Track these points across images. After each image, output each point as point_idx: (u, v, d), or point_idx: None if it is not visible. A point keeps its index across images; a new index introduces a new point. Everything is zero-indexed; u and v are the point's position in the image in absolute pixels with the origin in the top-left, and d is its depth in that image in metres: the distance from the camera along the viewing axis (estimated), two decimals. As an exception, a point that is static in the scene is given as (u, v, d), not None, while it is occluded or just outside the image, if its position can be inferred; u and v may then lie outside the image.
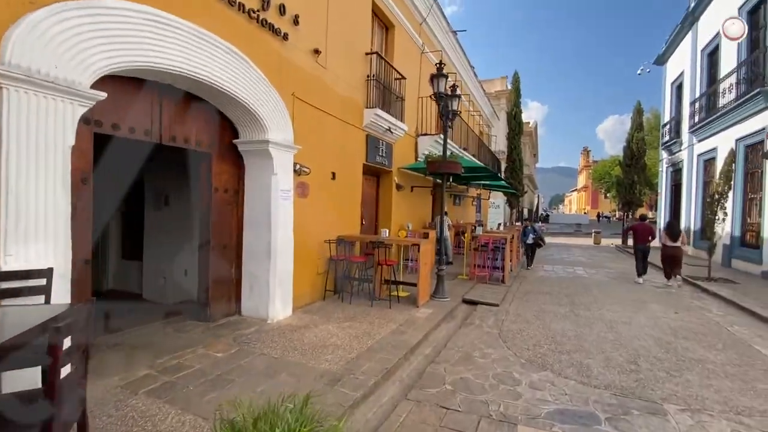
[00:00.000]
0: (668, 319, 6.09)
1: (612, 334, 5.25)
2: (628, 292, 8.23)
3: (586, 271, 11.08)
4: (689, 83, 15.54)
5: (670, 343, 4.93)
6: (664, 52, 18.64)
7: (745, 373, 4.05)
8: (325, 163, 6.32)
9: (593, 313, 6.36)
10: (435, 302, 6.47)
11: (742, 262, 10.99)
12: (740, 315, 6.55)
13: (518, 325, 5.63)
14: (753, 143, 10.69)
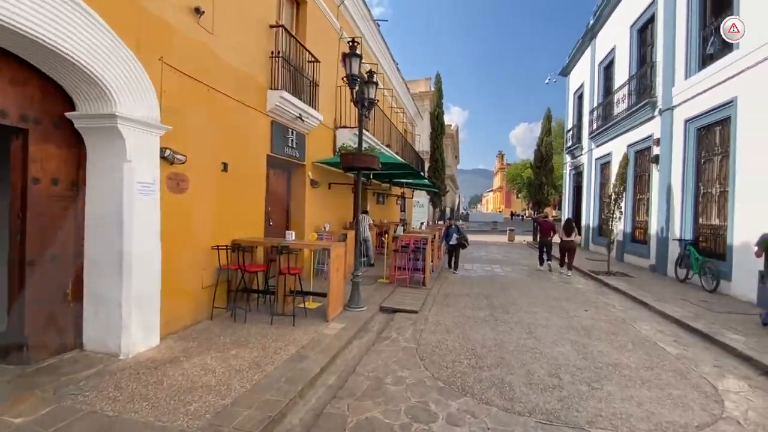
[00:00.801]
0: (580, 318, 6.10)
1: (531, 341, 4.98)
2: (541, 289, 8.36)
3: (503, 268, 11.28)
4: (589, 93, 16.98)
5: (586, 347, 4.78)
6: (568, 65, 20.27)
7: (659, 377, 3.95)
8: (212, 150, 5.16)
9: (512, 316, 6.14)
10: (349, 313, 5.70)
11: (633, 257, 12.10)
12: (639, 309, 6.88)
13: (437, 335, 5.11)
14: (642, 149, 11.80)
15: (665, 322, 6.05)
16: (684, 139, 9.38)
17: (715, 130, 8.52)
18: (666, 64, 10.20)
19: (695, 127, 9.08)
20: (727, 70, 7.74)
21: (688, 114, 9.21)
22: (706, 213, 8.79)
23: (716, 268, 7.83)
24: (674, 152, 9.78)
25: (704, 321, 5.77)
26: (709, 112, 8.43)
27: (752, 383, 3.89)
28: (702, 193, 8.99)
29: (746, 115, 7.29)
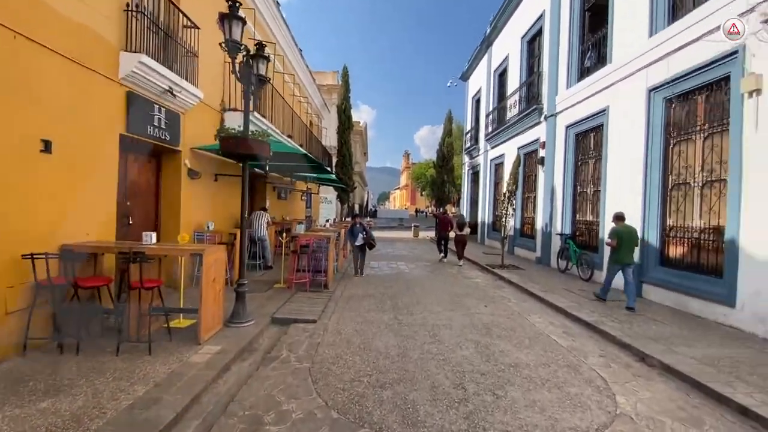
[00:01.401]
0: (481, 315, 6.08)
1: (435, 345, 4.67)
2: (444, 285, 8.35)
3: (408, 265, 11.20)
4: (485, 98, 18.14)
5: (488, 347, 4.65)
6: (467, 70, 21.48)
7: (556, 374, 3.93)
8: (23, 122, 3.72)
9: (416, 317, 5.84)
10: (230, 331, 4.73)
11: (522, 250, 13.13)
12: (531, 301, 7.23)
13: (336, 349, 4.49)
14: (530, 151, 12.84)
15: (554, 314, 6.38)
16: (565, 143, 10.34)
17: (590, 135, 9.51)
18: (551, 74, 11.16)
19: (574, 133, 10.05)
20: (601, 81, 8.64)
21: (568, 120, 10.16)
22: (582, 210, 9.79)
23: (591, 259, 8.72)
24: (557, 155, 10.75)
25: (586, 310, 6.20)
26: (585, 119, 9.37)
27: (634, 371, 4.10)
28: (579, 192, 10.00)
29: (615, 122, 8.19)
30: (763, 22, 4.93)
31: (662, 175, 6.92)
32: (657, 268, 6.96)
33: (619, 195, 7.95)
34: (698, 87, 6.19)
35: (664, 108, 6.90)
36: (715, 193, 5.96)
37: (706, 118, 6.15)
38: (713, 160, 5.99)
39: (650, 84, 7.09)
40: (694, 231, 6.30)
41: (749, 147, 5.20)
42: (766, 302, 4.86)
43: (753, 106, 5.14)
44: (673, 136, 6.80)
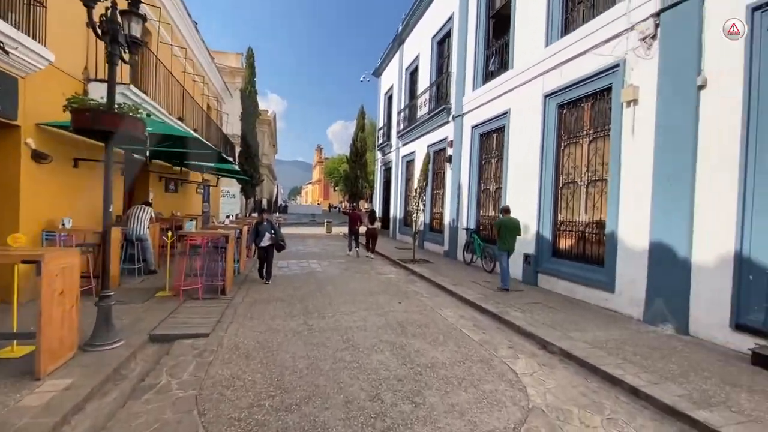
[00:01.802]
0: (395, 313, 5.89)
1: (350, 352, 4.29)
2: (358, 283, 8.04)
3: (320, 263, 10.65)
4: (397, 95, 18.34)
5: (404, 348, 4.43)
6: (380, 66, 21.52)
7: (470, 372, 3.85)
8: None
9: (328, 321, 5.39)
10: (89, 357, 3.70)
11: (431, 245, 13.55)
12: (442, 294, 7.32)
13: (232, 368, 3.81)
14: (439, 149, 13.26)
15: (464, 306, 6.51)
16: (470, 143, 10.84)
17: (493, 136, 10.09)
18: (459, 75, 11.60)
19: (479, 133, 10.58)
20: (503, 86, 9.17)
21: (474, 121, 10.65)
22: (486, 206, 10.37)
23: (493, 252, 9.24)
24: (463, 154, 11.23)
25: (492, 301, 6.45)
26: (489, 120, 9.89)
27: (539, 360, 4.26)
28: (483, 189, 10.58)
29: (515, 125, 8.76)
30: (641, 40, 5.58)
31: (554, 174, 7.57)
32: (550, 259, 7.61)
33: (518, 192, 8.53)
34: (585, 95, 6.86)
35: (556, 113, 7.54)
36: (597, 192, 6.67)
37: (591, 124, 6.86)
38: (596, 161, 6.70)
39: (546, 90, 7.69)
40: (581, 225, 7.01)
41: (626, 150, 5.88)
42: (639, 289, 5.54)
43: (630, 115, 5.81)
44: (564, 139, 7.48)
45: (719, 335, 4.54)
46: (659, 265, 5.24)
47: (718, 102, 4.63)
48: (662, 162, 5.25)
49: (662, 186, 5.23)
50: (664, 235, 5.17)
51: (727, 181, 4.50)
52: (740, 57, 4.40)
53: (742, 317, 4.33)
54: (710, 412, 3.04)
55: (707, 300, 4.68)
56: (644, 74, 5.58)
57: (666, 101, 5.22)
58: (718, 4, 4.66)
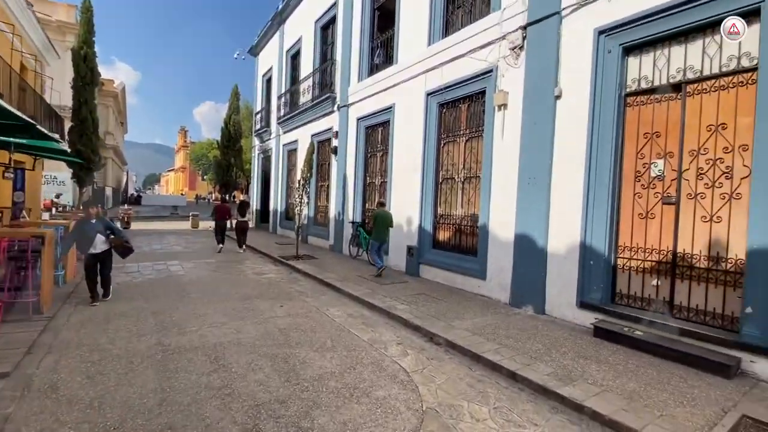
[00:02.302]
0: (277, 319, 5.27)
1: (219, 375, 3.55)
2: (231, 286, 7.05)
3: (183, 265, 9.10)
4: (277, 79, 17.05)
5: (287, 360, 3.90)
6: (257, 44, 19.72)
7: (362, 378, 3.57)
8: None
9: (191, 338, 4.46)
10: None
11: (316, 239, 13.01)
12: (328, 292, 6.94)
13: (43, 420, 2.72)
14: (324, 140, 12.75)
15: (352, 303, 6.26)
16: (356, 135, 10.66)
17: (378, 129, 10.08)
18: (344, 64, 11.26)
19: (365, 126, 10.46)
20: (389, 80, 9.18)
21: (359, 113, 10.48)
22: (372, 199, 10.35)
23: (378, 245, 9.26)
24: (349, 146, 10.99)
25: (379, 296, 6.35)
26: (374, 114, 9.84)
27: (427, 354, 4.24)
28: (368, 182, 10.53)
29: (400, 120, 8.87)
30: (511, 49, 6.09)
31: (435, 170, 7.90)
32: (431, 250, 7.94)
33: (402, 187, 8.69)
34: (463, 97, 7.27)
35: (437, 112, 7.86)
36: (472, 188, 7.17)
37: (467, 124, 7.31)
38: (472, 160, 7.18)
39: (428, 88, 7.94)
40: (458, 219, 7.46)
41: (497, 151, 6.40)
42: (507, 275, 6.11)
43: (501, 118, 6.33)
44: (444, 137, 7.84)
45: (568, 313, 5.27)
46: (522, 254, 5.85)
47: (570, 112, 5.32)
48: (526, 163, 5.84)
49: (526, 184, 5.83)
50: (527, 228, 5.79)
51: (576, 180, 5.22)
52: (588, 73, 5.11)
53: (585, 296, 5.09)
54: (573, 387, 3.39)
55: (559, 283, 5.39)
56: (513, 81, 6.13)
57: (530, 108, 5.82)
58: (572, 25, 5.33)
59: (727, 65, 4.10)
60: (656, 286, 4.65)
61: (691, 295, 4.33)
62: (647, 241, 4.74)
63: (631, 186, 4.90)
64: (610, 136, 4.93)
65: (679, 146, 4.47)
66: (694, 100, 4.36)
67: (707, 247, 4.23)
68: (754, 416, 2.97)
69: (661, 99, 4.66)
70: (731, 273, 4.04)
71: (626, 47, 4.84)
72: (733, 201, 4.05)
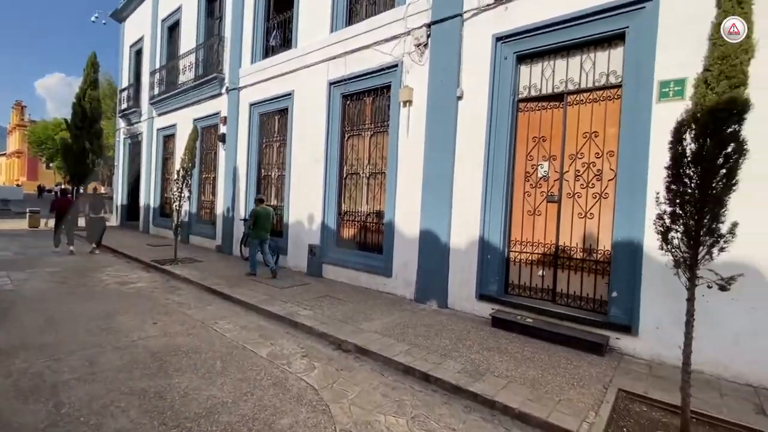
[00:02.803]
0: (149, 340, 4.29)
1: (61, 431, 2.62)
2: (86, 302, 5.60)
3: (13, 277, 6.97)
4: (150, 51, 14.53)
5: (163, 396, 3.11)
6: (123, 8, 16.55)
7: (262, 405, 3.03)
8: None
9: (19, 379, 3.28)
10: None
11: (199, 238, 11.44)
12: (217, 301, 6.03)
13: None
14: (209, 125, 11.24)
15: (245, 313, 5.52)
16: (249, 122, 9.62)
17: (275, 117, 9.25)
18: (234, 43, 10.04)
19: (259, 112, 9.50)
20: (287, 65, 8.45)
21: (253, 98, 9.48)
22: (267, 194, 9.47)
23: (276, 244, 8.51)
24: (240, 133, 9.87)
25: (278, 302, 5.74)
26: (270, 100, 8.99)
27: (337, 365, 3.88)
28: (264, 175, 9.61)
29: (300, 109, 8.24)
30: (416, 46, 6.05)
31: (339, 164, 7.54)
32: (334, 248, 7.57)
33: (303, 181, 8.11)
34: (368, 90, 7.05)
35: (341, 103, 7.50)
36: (377, 184, 7.02)
37: (373, 118, 7.12)
38: (377, 155, 7.03)
39: (331, 78, 7.51)
40: (363, 215, 7.24)
41: (402, 148, 6.34)
42: (411, 272, 6.11)
43: (406, 115, 6.28)
44: (348, 130, 7.53)
45: (469, 305, 5.49)
46: (427, 250, 5.91)
47: (471, 113, 5.51)
48: (430, 161, 5.90)
49: (430, 181, 5.89)
50: (431, 224, 5.86)
51: (476, 179, 5.43)
52: (487, 77, 5.35)
53: (484, 289, 5.35)
54: (483, 382, 3.42)
55: (460, 277, 5.58)
56: (418, 78, 6.13)
57: (434, 107, 5.88)
58: (473, 28, 5.51)
59: (599, 81, 4.68)
60: (542, 276, 5.11)
61: (570, 283, 4.86)
62: (534, 235, 5.18)
63: (522, 185, 5.30)
64: (505, 138, 5.24)
65: (561, 150, 4.96)
66: (574, 110, 4.89)
67: (582, 240, 4.80)
68: (626, 389, 3.38)
69: (547, 106, 5.12)
70: (601, 263, 4.63)
71: (519, 55, 5.19)
72: (603, 200, 4.65)
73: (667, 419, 2.98)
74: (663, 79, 4.03)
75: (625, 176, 4.32)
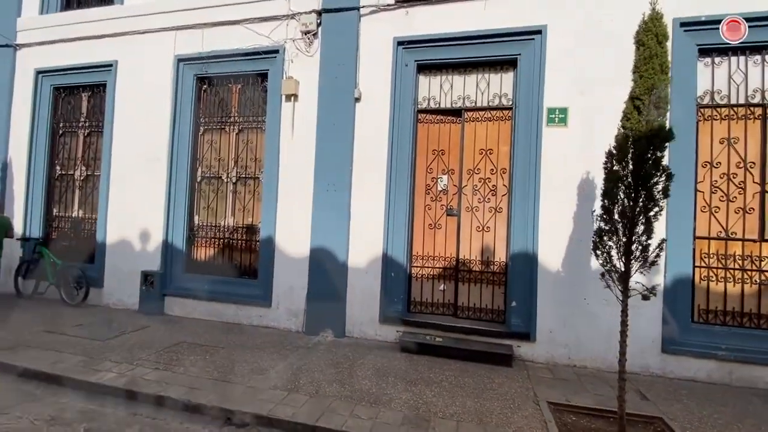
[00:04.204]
0: None
1: None
2: None
3: None
4: None
5: None
6: None
7: None
8: None
9: None
10: None
11: None
12: None
13: None
14: None
15: (50, 391, 3.45)
16: (35, 98, 6.60)
17: (82, 95, 6.60)
18: (3, -24, 6.80)
19: (53, 85, 6.63)
20: (106, 24, 6.15)
21: (42, 63, 6.56)
22: (65, 201, 6.66)
23: (81, 273, 5.98)
24: (17, 112, 6.69)
25: (106, 363, 3.84)
26: (77, 69, 6.38)
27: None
28: (59, 174, 6.73)
29: (128, 86, 6.08)
30: (303, 33, 5.19)
31: (191, 165, 5.84)
32: (183, 275, 5.79)
33: (131, 185, 5.96)
34: (235, 74, 5.70)
35: (195, 86, 5.87)
36: (249, 191, 5.72)
37: (241, 111, 5.79)
38: (248, 156, 5.74)
39: (180, 53, 5.80)
40: (227, 231, 5.78)
41: (285, 150, 5.31)
42: (298, 298, 5.13)
43: (290, 111, 5.30)
44: (205, 122, 5.95)
45: (371, 330, 4.92)
46: (319, 271, 5.06)
47: (371, 118, 5.02)
48: (324, 169, 5.10)
49: (324, 191, 5.08)
50: (325, 241, 5.05)
51: (378, 190, 4.95)
52: (388, 81, 4.97)
53: (387, 310, 4.89)
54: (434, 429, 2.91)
55: (361, 299, 4.96)
56: (306, 70, 5.27)
57: (327, 106, 5.13)
58: (372, 26, 5.06)
59: (493, 101, 4.92)
60: (443, 290, 5.02)
61: (471, 295, 4.90)
62: (435, 249, 5.06)
63: (423, 198, 5.12)
64: (407, 148, 4.96)
65: (459, 165, 5.01)
66: (470, 126, 5.00)
67: (480, 253, 4.91)
68: (552, 401, 3.45)
69: (445, 120, 5.11)
70: (498, 274, 4.82)
71: (420, 65, 5.03)
72: (497, 214, 4.87)
73: (605, 426, 3.11)
74: (550, 106, 4.47)
75: (519, 192, 4.61)
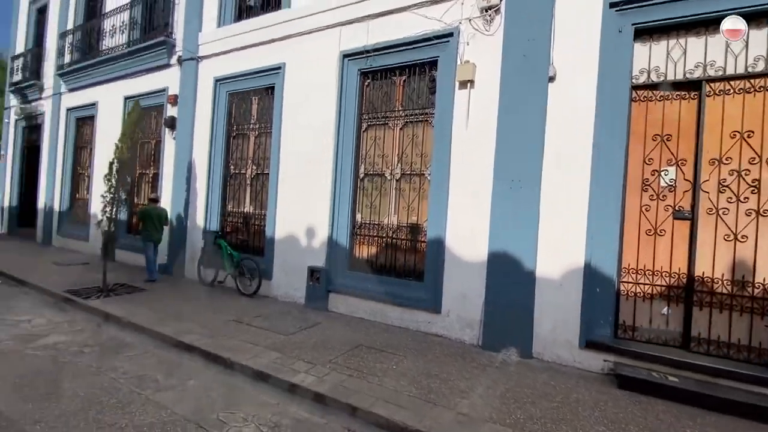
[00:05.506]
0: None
1: None
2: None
3: None
4: (59, 7, 11.11)
5: None
6: (16, -50, 12.67)
7: None
8: None
9: None
10: None
11: (129, 254, 8.56)
12: (196, 367, 3.88)
13: None
14: (150, 105, 8.54)
15: (255, 389, 3.52)
16: (214, 104, 7.32)
17: (252, 99, 7.06)
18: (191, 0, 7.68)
19: (228, 92, 7.24)
20: (274, 30, 6.43)
21: (219, 71, 7.21)
22: (239, 198, 7.25)
23: (254, 265, 6.37)
24: (199, 118, 7.50)
25: (299, 364, 3.81)
26: (248, 75, 6.83)
27: None
28: (233, 173, 7.35)
29: (295, 87, 6.26)
30: (482, 9, 4.59)
31: (354, 162, 5.75)
32: (346, 272, 5.73)
33: (299, 182, 6.14)
34: (401, 66, 5.39)
35: (359, 82, 5.74)
36: (413, 188, 5.39)
37: (404, 104, 5.48)
38: (413, 151, 5.39)
39: (345, 48, 5.72)
40: (390, 229, 5.54)
41: (458, 143, 4.80)
42: (473, 306, 4.59)
43: (465, 99, 4.76)
44: (367, 118, 5.79)
45: (567, 355, 4.12)
46: (499, 278, 4.43)
47: (568, 98, 4.19)
48: (506, 162, 4.44)
49: (505, 189, 4.43)
50: (507, 244, 4.39)
51: (577, 185, 4.12)
52: (592, 52, 4.08)
53: (591, 333, 4.03)
54: None
55: (553, 317, 4.19)
56: (484, 53, 4.66)
57: (511, 90, 4.46)
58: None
59: (755, 66, 3.65)
60: (666, 314, 3.95)
61: (712, 325, 3.74)
62: (656, 262, 4.01)
63: (638, 196, 4.10)
64: (618, 134, 4.00)
65: (695, 153, 3.86)
66: (715, 102, 3.80)
67: (731, 270, 3.71)
68: None
69: (673, 96, 3.99)
70: (761, 299, 3.57)
71: (639, 29, 4.00)
72: (761, 218, 3.60)
73: None
74: None
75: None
